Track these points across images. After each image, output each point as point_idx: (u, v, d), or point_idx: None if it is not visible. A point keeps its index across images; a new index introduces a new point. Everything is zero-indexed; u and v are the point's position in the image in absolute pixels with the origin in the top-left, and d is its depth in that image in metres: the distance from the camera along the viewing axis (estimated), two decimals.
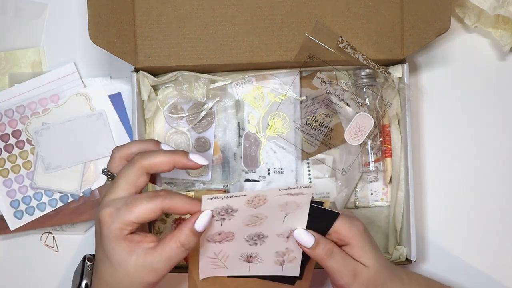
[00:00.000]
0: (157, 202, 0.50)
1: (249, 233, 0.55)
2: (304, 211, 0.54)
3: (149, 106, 0.72)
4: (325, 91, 0.69)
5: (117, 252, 0.51)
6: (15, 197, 0.74)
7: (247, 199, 0.51)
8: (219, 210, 0.51)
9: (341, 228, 0.55)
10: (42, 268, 0.75)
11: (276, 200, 0.52)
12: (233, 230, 0.54)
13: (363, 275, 0.55)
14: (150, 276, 0.51)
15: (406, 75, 0.70)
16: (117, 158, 0.56)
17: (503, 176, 0.76)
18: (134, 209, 0.50)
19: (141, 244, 0.51)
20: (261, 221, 0.54)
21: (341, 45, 0.67)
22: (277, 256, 0.57)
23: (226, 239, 0.54)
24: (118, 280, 0.51)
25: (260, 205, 0.52)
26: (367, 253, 0.56)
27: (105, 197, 0.53)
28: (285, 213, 0.54)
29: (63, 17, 0.77)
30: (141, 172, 0.52)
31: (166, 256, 0.51)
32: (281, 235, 0.55)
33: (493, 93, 0.76)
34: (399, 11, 0.68)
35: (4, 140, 0.75)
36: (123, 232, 0.50)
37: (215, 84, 0.73)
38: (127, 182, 0.52)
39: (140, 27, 0.69)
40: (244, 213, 0.52)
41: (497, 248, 0.75)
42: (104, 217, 0.51)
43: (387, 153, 0.72)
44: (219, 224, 0.53)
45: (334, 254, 0.55)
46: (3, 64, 0.76)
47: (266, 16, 0.69)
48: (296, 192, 0.52)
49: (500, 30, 0.74)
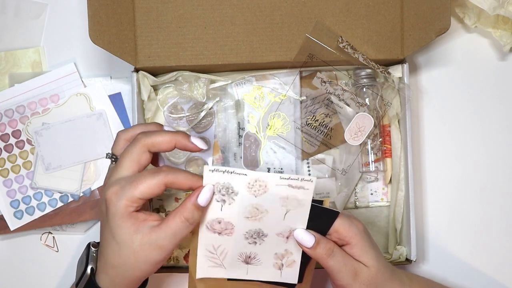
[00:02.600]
0: (160, 177, 0.51)
1: (248, 229, 0.55)
2: (305, 210, 0.54)
3: (149, 106, 0.72)
4: (325, 91, 0.69)
5: (123, 231, 0.52)
6: (15, 197, 0.74)
7: (248, 181, 0.52)
8: (220, 187, 0.52)
9: (341, 227, 0.55)
10: (42, 268, 0.75)
11: (276, 191, 0.52)
12: (233, 221, 0.54)
13: (363, 275, 0.55)
14: (156, 253, 0.52)
15: (406, 75, 0.70)
16: (121, 141, 0.57)
17: (503, 176, 0.76)
18: (139, 185, 0.51)
19: (146, 222, 0.52)
20: (261, 215, 0.54)
21: (341, 45, 0.67)
22: (276, 258, 0.57)
23: (225, 231, 0.54)
24: (124, 259, 0.52)
25: (260, 193, 0.52)
26: (367, 253, 0.56)
27: (109, 177, 0.54)
28: (285, 210, 0.54)
29: (63, 17, 0.77)
30: (144, 150, 0.53)
31: (170, 232, 0.51)
32: (280, 235, 0.55)
33: (493, 93, 0.76)
34: (399, 11, 0.69)
35: (4, 140, 0.75)
36: (128, 209, 0.51)
37: (215, 84, 0.73)
38: (131, 160, 0.53)
39: (140, 27, 0.69)
40: (244, 201, 0.53)
41: (497, 248, 0.75)
42: (110, 195, 0.52)
43: (387, 153, 0.72)
44: (219, 208, 0.53)
45: (335, 254, 0.55)
46: (3, 64, 0.76)
47: (266, 16, 0.69)
48: (297, 184, 0.52)
49: (500, 30, 0.74)
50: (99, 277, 0.55)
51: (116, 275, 0.54)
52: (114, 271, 0.53)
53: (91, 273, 0.55)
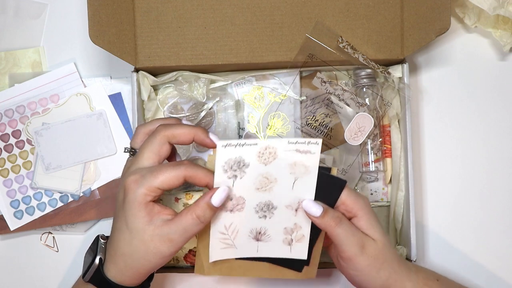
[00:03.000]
0: (181, 169, 0.53)
1: (259, 202, 0.56)
2: (312, 178, 0.55)
3: (149, 106, 0.72)
4: (325, 91, 0.69)
5: (137, 220, 0.52)
6: (15, 197, 0.74)
7: (258, 150, 0.53)
8: (232, 164, 0.53)
9: (348, 199, 0.55)
10: (42, 268, 0.75)
11: (285, 157, 0.54)
12: (244, 195, 0.55)
13: (370, 248, 0.55)
14: (165, 246, 0.53)
15: (406, 75, 0.70)
16: (140, 134, 0.58)
17: (503, 175, 0.76)
18: (159, 175, 0.52)
19: (160, 215, 0.53)
20: (271, 185, 0.55)
21: (341, 45, 0.67)
22: (285, 233, 0.57)
23: (237, 207, 0.55)
24: (134, 248, 0.53)
25: (270, 160, 0.54)
26: (374, 226, 0.56)
27: (129, 167, 0.55)
28: (294, 178, 0.55)
29: (63, 17, 0.77)
30: (164, 141, 0.55)
31: (182, 227, 0.52)
32: (289, 207, 0.56)
33: (493, 93, 0.76)
34: (399, 11, 0.69)
35: (4, 140, 0.75)
36: (146, 198, 0.52)
37: (215, 84, 0.73)
38: (151, 151, 0.54)
39: (140, 27, 0.69)
40: (255, 171, 0.54)
41: (497, 248, 0.75)
42: (129, 183, 0.53)
43: (387, 153, 0.72)
44: (230, 184, 0.54)
45: (343, 223, 0.55)
46: (3, 64, 0.76)
47: (266, 16, 0.69)
48: (304, 149, 0.54)
49: (500, 30, 0.74)
50: (106, 267, 0.55)
51: (124, 265, 0.54)
52: (123, 260, 0.54)
53: (99, 263, 0.56)
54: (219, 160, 0.53)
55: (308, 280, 0.63)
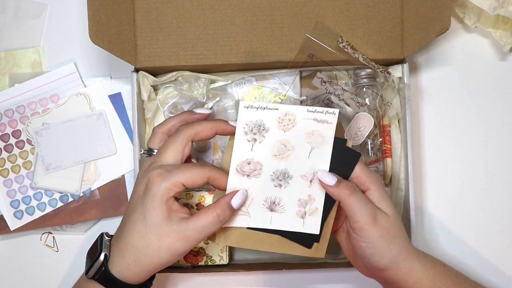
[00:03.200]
0: (206, 170, 0.55)
1: (275, 169, 0.57)
2: (328, 148, 0.57)
3: (149, 106, 0.72)
4: (325, 91, 0.69)
5: (156, 213, 0.53)
6: (15, 197, 0.74)
7: (279, 115, 0.56)
8: (252, 126, 0.56)
9: (362, 172, 0.57)
10: (42, 268, 0.75)
11: (303, 125, 0.56)
12: (262, 160, 0.57)
13: (382, 220, 0.56)
14: (180, 243, 0.53)
15: (406, 75, 0.70)
16: (159, 134, 0.59)
17: (503, 175, 0.76)
18: (186, 171, 0.54)
19: (178, 213, 0.54)
20: (288, 152, 0.57)
21: (341, 45, 0.67)
22: (299, 205, 0.58)
23: (254, 172, 0.57)
24: (147, 242, 0.53)
25: (289, 128, 0.57)
26: (386, 200, 0.57)
27: (151, 164, 0.56)
28: (310, 148, 0.57)
29: (63, 17, 0.77)
30: (187, 140, 0.56)
31: (200, 224, 0.54)
32: (304, 177, 0.57)
33: (493, 93, 0.76)
34: (399, 11, 0.69)
35: (4, 140, 0.75)
36: (170, 192, 0.54)
37: (215, 84, 0.73)
38: (175, 150, 0.56)
39: (140, 27, 0.69)
40: (273, 137, 0.57)
41: (497, 248, 0.75)
42: (154, 176, 0.54)
43: (387, 153, 0.72)
44: (249, 148, 0.57)
45: (357, 191, 0.56)
46: (3, 64, 0.76)
47: (266, 16, 0.69)
48: (322, 118, 0.56)
49: (500, 30, 0.74)
50: (112, 262, 0.55)
51: (133, 259, 0.54)
52: (133, 254, 0.54)
53: (104, 259, 0.56)
54: (241, 121, 0.56)
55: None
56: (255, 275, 0.75)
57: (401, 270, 0.57)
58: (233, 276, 0.75)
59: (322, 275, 0.75)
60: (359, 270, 0.61)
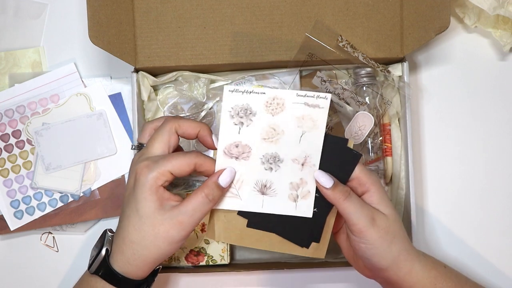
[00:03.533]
0: (192, 156, 0.55)
1: (265, 152, 0.56)
2: (320, 133, 0.56)
3: (149, 106, 0.72)
4: (325, 90, 0.69)
5: (147, 204, 0.54)
6: (15, 197, 0.74)
7: (266, 99, 0.55)
8: (239, 110, 0.55)
9: (362, 173, 0.57)
10: (42, 268, 0.75)
11: (293, 109, 0.55)
12: (250, 143, 0.56)
13: (381, 221, 0.56)
14: (175, 229, 0.54)
15: (406, 73, 0.70)
16: (148, 129, 0.60)
17: (503, 174, 0.75)
18: (172, 160, 0.54)
19: (169, 201, 0.55)
20: (278, 136, 0.56)
21: (341, 44, 0.67)
22: (291, 189, 0.58)
23: (242, 155, 0.56)
24: (143, 234, 0.54)
25: (278, 112, 0.55)
26: (385, 201, 0.57)
27: (139, 157, 0.56)
28: (301, 132, 0.56)
29: (63, 17, 0.77)
30: (173, 131, 0.57)
31: (191, 207, 0.54)
32: (296, 161, 0.57)
33: (493, 92, 0.76)
34: (399, 9, 0.69)
35: (4, 140, 0.75)
36: (157, 182, 0.54)
37: (215, 84, 0.73)
38: (161, 141, 0.56)
39: (140, 28, 0.69)
40: (262, 121, 0.55)
41: (498, 248, 0.75)
42: (141, 168, 0.54)
43: (387, 152, 0.72)
44: (237, 131, 0.55)
45: (352, 196, 0.56)
46: (3, 64, 0.76)
47: (265, 16, 0.69)
48: (313, 102, 0.55)
49: (500, 30, 0.74)
50: (113, 258, 0.56)
51: (132, 253, 0.55)
52: (131, 248, 0.54)
53: (106, 254, 0.56)
54: (226, 105, 0.54)
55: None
56: (256, 275, 0.75)
57: (402, 271, 0.57)
58: (234, 276, 0.75)
59: (323, 274, 0.75)
60: (359, 271, 0.61)
